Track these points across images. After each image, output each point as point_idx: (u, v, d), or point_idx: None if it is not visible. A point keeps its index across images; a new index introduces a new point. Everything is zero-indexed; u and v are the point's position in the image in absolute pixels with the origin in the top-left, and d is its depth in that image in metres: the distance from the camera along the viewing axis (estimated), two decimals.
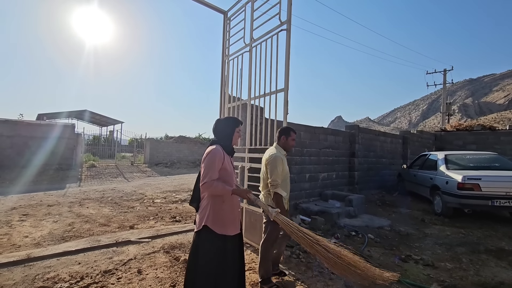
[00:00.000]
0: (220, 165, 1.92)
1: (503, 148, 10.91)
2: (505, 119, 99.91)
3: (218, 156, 1.92)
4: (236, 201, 2.05)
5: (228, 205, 1.98)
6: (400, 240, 4.25)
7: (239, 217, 2.09)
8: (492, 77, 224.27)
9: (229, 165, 2.01)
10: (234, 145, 2.14)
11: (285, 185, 2.72)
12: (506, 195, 4.88)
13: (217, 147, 1.99)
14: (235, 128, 2.11)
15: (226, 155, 2.01)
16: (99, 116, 22.45)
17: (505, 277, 2.97)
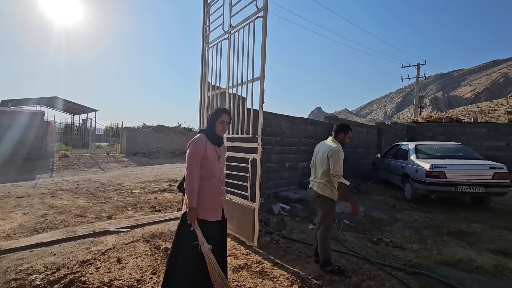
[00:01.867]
0: (201, 153, 1.98)
1: (467, 139, 11.72)
2: (471, 112, 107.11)
3: (199, 146, 1.99)
4: (217, 189, 2.09)
5: (208, 191, 2.03)
6: (372, 225, 4.51)
7: (220, 205, 2.12)
8: (461, 72, 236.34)
9: (211, 153, 2.04)
10: (219, 134, 2.14)
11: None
12: (467, 182, 5.30)
13: (201, 136, 2.05)
14: (217, 118, 2.12)
15: (209, 144, 2.05)
16: (71, 104, 21.31)
17: (463, 255, 3.27)
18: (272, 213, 4.71)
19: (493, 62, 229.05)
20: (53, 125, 15.24)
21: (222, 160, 2.20)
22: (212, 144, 2.08)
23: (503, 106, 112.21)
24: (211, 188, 2.05)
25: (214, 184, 2.07)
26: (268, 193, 5.86)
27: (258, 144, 3.34)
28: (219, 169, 2.12)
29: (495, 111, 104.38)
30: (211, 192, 2.05)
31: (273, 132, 6.08)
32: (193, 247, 1.94)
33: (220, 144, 2.19)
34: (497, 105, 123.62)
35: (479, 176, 5.30)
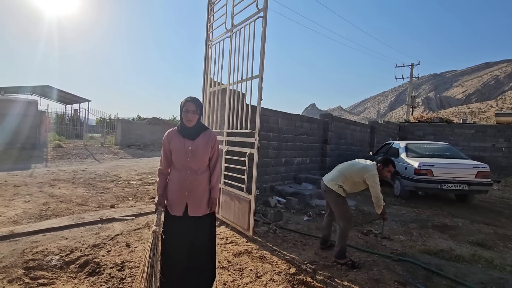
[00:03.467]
0: (167, 147, 2.01)
1: (456, 139, 12.16)
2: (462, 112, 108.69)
3: (164, 140, 2.03)
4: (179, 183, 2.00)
5: (171, 184, 2.03)
6: (363, 218, 4.80)
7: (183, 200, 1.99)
8: (454, 73, 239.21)
9: (176, 146, 1.99)
10: (187, 125, 2.01)
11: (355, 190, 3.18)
12: (452, 180, 5.63)
13: (169, 130, 2.07)
14: (182, 108, 2.01)
15: (177, 137, 2.01)
16: (64, 93, 20.99)
17: (445, 246, 3.58)
18: (268, 205, 4.95)
19: (485, 64, 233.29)
20: (47, 115, 15.13)
21: (194, 154, 2.00)
22: (181, 137, 2.01)
23: (492, 108, 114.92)
24: (174, 180, 2.01)
25: (177, 177, 2.00)
26: (265, 186, 6.10)
27: (255, 139, 3.47)
28: (184, 163, 1.99)
29: (485, 113, 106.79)
30: (173, 186, 2.01)
31: (270, 128, 6.29)
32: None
33: (193, 137, 2.02)
34: (487, 106, 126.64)
35: (463, 175, 5.65)
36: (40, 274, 2.35)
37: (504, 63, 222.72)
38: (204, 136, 2.06)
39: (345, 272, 2.74)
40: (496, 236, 4.10)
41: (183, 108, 1.99)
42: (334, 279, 2.57)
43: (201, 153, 2.02)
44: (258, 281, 2.46)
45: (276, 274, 2.59)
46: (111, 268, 2.53)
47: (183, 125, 2.02)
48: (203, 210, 2.05)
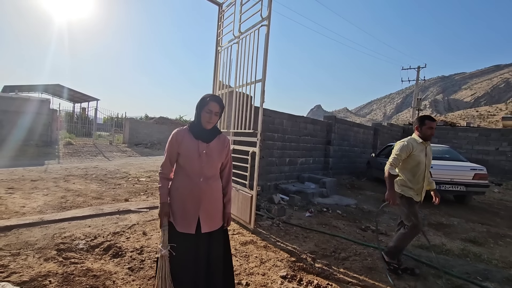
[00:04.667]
0: (175, 148, 1.74)
1: (460, 142, 12.27)
2: (470, 116, 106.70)
3: (172, 140, 1.75)
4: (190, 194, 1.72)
5: (179, 195, 1.74)
6: (362, 215, 5.04)
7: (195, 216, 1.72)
8: (462, 75, 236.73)
9: (187, 149, 1.73)
10: (205, 127, 1.78)
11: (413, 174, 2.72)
12: (450, 181, 5.84)
13: (179, 130, 1.80)
14: (203, 106, 1.76)
15: (189, 138, 1.75)
16: (73, 92, 21.58)
17: (437, 242, 3.82)
18: (272, 202, 5.23)
19: (495, 67, 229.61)
20: (58, 113, 15.67)
21: (209, 159, 1.76)
22: (194, 138, 1.76)
23: (502, 111, 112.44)
24: (182, 191, 1.72)
25: (187, 186, 1.72)
26: (269, 184, 6.38)
27: (257, 139, 3.74)
28: (197, 169, 1.73)
29: (494, 116, 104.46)
30: (181, 197, 1.72)
31: (275, 129, 6.57)
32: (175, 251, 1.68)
33: (208, 140, 1.79)
34: (496, 110, 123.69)
35: (461, 176, 5.85)
36: (70, 255, 2.67)
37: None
38: (219, 140, 1.84)
39: (341, 261, 3.01)
40: (488, 234, 4.31)
41: (205, 107, 1.75)
42: (331, 266, 2.84)
43: (216, 158, 1.80)
44: (263, 266, 2.74)
45: (279, 261, 2.87)
46: (131, 252, 2.84)
47: (199, 126, 1.78)
48: (216, 223, 1.80)
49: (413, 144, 2.73)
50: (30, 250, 2.69)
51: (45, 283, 2.17)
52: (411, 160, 2.72)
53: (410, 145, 2.72)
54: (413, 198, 2.74)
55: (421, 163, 2.72)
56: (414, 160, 2.71)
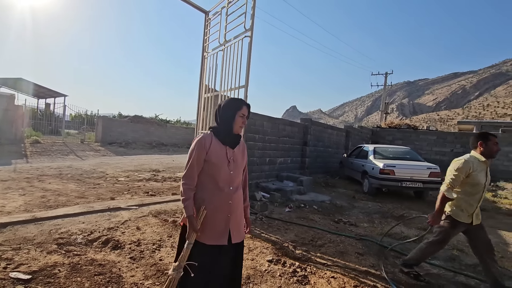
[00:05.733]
0: (202, 156, 1.62)
1: (420, 144, 13.50)
2: (432, 119, 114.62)
3: (198, 146, 1.63)
4: (220, 204, 1.64)
5: (207, 206, 1.61)
6: (335, 210, 5.60)
7: (226, 226, 1.65)
8: (426, 81, 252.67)
9: (217, 156, 1.64)
10: (236, 132, 1.73)
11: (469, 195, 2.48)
12: (410, 179, 6.62)
13: (205, 134, 1.69)
14: (237, 111, 1.69)
15: (217, 144, 1.67)
16: (38, 87, 20.34)
17: (397, 230, 4.43)
18: (255, 199, 5.61)
19: (453, 74, 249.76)
20: (23, 109, 14.84)
21: (236, 165, 1.70)
22: (222, 144, 1.68)
23: (459, 115, 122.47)
24: (211, 201, 1.62)
25: (216, 196, 1.63)
26: (251, 183, 6.75)
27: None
28: (227, 177, 1.65)
29: (452, 120, 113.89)
30: (211, 208, 1.61)
31: (256, 130, 6.96)
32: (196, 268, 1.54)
33: (235, 145, 1.72)
34: (454, 114, 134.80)
35: (419, 174, 6.65)
36: (71, 248, 2.84)
37: (471, 74, 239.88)
38: (240, 144, 1.78)
39: (318, 247, 3.47)
40: None
41: (239, 111, 1.69)
42: (310, 252, 3.28)
43: (240, 164, 1.74)
44: (251, 253, 3.11)
45: (264, 248, 3.26)
46: (129, 244, 3.07)
47: (227, 130, 1.70)
48: (243, 233, 1.75)
49: (473, 162, 2.44)
50: (30, 244, 2.82)
51: (55, 271, 2.36)
52: (469, 180, 2.43)
53: (470, 164, 2.42)
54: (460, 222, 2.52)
55: (479, 185, 2.45)
56: (474, 180, 2.43)
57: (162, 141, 21.55)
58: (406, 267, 2.84)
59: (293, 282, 2.56)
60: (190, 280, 1.53)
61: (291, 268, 2.80)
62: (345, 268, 2.94)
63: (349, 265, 3.00)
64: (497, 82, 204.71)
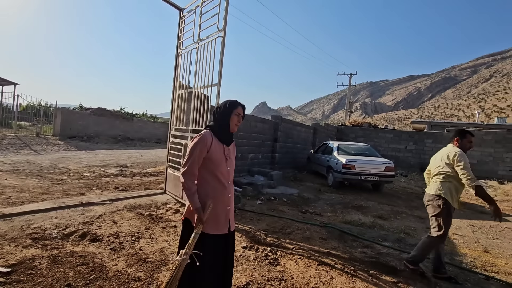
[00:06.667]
0: (203, 153, 1.73)
1: (379, 141, 14.68)
2: (391, 118, 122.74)
3: (201, 144, 1.72)
4: (222, 197, 1.80)
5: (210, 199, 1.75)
6: (303, 202, 6.05)
7: (226, 216, 1.82)
8: (386, 82, 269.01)
9: (217, 153, 1.77)
10: (232, 131, 1.86)
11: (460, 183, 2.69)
12: (369, 173, 7.33)
13: (205, 132, 1.78)
14: (232, 110, 1.83)
15: (216, 142, 1.78)
16: None
17: (356, 218, 4.98)
18: None
19: (410, 77, 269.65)
20: None
21: (231, 162, 1.86)
22: (219, 142, 1.80)
23: (414, 115, 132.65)
24: (214, 195, 1.76)
25: (218, 190, 1.78)
26: None
27: None
28: (226, 173, 1.81)
29: (408, 119, 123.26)
30: (214, 199, 1.75)
31: None
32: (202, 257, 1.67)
33: (229, 143, 1.87)
34: (410, 113, 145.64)
35: (376, 169, 7.39)
36: (47, 242, 2.86)
37: (425, 77, 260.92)
38: (233, 142, 1.95)
39: (287, 235, 3.83)
40: (392, 212, 5.72)
41: (235, 110, 1.83)
42: (280, 239, 3.62)
43: (233, 161, 1.91)
44: None
45: (239, 237, 3.53)
46: (108, 237, 3.15)
47: (224, 129, 1.83)
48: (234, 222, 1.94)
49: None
50: (2, 240, 2.79)
51: (35, 264, 2.41)
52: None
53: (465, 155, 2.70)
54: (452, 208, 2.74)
55: None
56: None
57: (128, 135, 20.73)
58: (411, 264, 2.88)
59: (266, 264, 2.87)
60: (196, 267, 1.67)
61: (263, 253, 3.11)
62: (311, 251, 3.32)
63: (314, 248, 3.40)
64: (447, 86, 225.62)
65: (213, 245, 1.76)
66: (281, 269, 2.80)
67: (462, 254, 3.68)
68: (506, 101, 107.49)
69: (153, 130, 23.25)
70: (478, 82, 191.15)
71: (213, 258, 1.75)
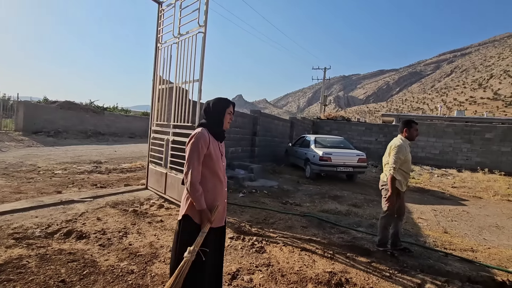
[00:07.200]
0: (204, 150, 1.78)
1: (352, 134, 15.40)
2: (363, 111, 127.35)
3: (201, 142, 1.77)
4: (221, 191, 1.90)
5: (211, 194, 1.83)
6: (283, 193, 6.31)
7: (224, 210, 1.95)
8: (358, 76, 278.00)
9: (215, 150, 1.85)
10: (225, 128, 1.94)
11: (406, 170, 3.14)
12: (344, 164, 7.78)
13: (203, 130, 1.82)
14: (226, 109, 1.91)
15: (212, 139, 1.84)
16: None
17: (333, 207, 5.33)
18: None
19: (380, 71, 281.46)
20: None
21: (224, 158, 1.96)
22: (215, 140, 1.87)
23: (384, 108, 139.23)
24: (214, 190, 1.84)
25: (217, 186, 1.87)
26: None
27: None
28: (223, 169, 1.92)
29: (378, 112, 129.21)
30: (214, 195, 1.83)
31: None
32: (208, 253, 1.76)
33: (223, 140, 1.96)
34: (380, 107, 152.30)
35: (350, 160, 7.86)
36: (32, 242, 2.82)
37: (393, 72, 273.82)
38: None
39: (270, 225, 4.04)
40: (365, 201, 6.16)
41: (228, 109, 1.92)
42: (263, 229, 3.83)
43: (225, 156, 1.99)
44: None
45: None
46: (94, 233, 3.15)
47: (219, 127, 1.91)
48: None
49: (405, 145, 3.15)
50: None
51: (23, 263, 2.39)
52: (406, 159, 3.13)
53: (404, 147, 3.11)
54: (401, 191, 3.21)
55: (409, 160, 3.20)
56: (407, 158, 3.14)
57: (99, 130, 19.85)
58: (380, 246, 3.30)
59: (253, 252, 3.06)
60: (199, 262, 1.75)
61: (249, 242, 3.29)
62: (293, 238, 3.57)
63: (296, 236, 3.64)
64: (413, 80, 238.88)
65: (214, 238, 1.84)
66: (267, 256, 3.00)
67: (425, 235, 4.13)
68: (465, 95, 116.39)
69: (126, 124, 22.41)
70: (441, 77, 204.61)
71: (213, 250, 1.84)
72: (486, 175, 11.27)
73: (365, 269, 2.88)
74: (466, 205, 6.45)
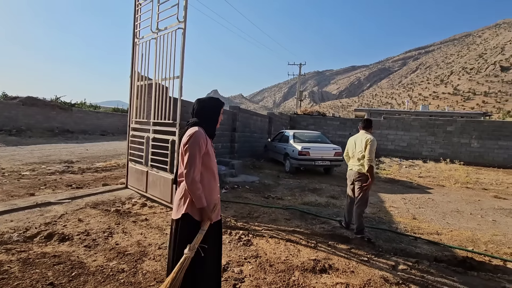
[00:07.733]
0: (203, 149, 1.82)
1: (328, 129, 15.93)
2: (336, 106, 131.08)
3: (200, 142, 1.80)
4: (216, 187, 1.96)
5: (208, 191, 1.87)
6: (264, 188, 6.47)
7: (219, 204, 2.02)
8: (331, 72, 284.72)
9: (211, 149, 1.91)
10: (217, 126, 2.04)
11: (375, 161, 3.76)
12: (321, 158, 8.10)
13: (199, 130, 1.84)
14: (220, 109, 2.01)
15: (208, 138, 1.90)
16: None
17: (313, 199, 5.58)
18: None
19: (351, 67, 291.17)
20: None
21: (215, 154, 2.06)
22: (209, 138, 1.93)
23: (356, 103, 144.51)
24: (210, 186, 1.90)
25: (212, 182, 1.93)
26: None
27: (177, 129, 4.26)
28: (216, 165, 2.01)
29: (351, 106, 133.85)
30: (210, 191, 1.90)
31: (189, 117, 7.12)
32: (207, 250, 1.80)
33: (213, 138, 2.03)
34: (352, 101, 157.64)
35: (327, 154, 8.19)
36: (10, 247, 2.70)
37: (364, 68, 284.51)
38: None
39: (255, 218, 4.17)
40: (342, 192, 6.49)
41: (221, 109, 2.02)
42: (249, 223, 3.94)
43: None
44: None
45: None
46: (78, 235, 3.08)
47: (214, 126, 1.99)
48: None
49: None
50: None
51: (5, 268, 2.30)
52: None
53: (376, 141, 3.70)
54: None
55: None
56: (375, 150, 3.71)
57: (67, 127, 18.79)
58: (358, 233, 3.61)
59: (240, 245, 3.17)
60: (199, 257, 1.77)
61: (236, 236, 3.40)
62: (278, 230, 3.72)
63: (280, 228, 3.80)
64: (382, 76, 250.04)
65: (213, 233, 1.88)
66: (254, 248, 3.12)
67: (397, 222, 4.48)
68: (429, 90, 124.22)
69: (97, 121, 21.39)
70: (407, 73, 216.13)
71: (212, 244, 1.88)
72: (448, 165, 12.26)
73: (346, 255, 3.10)
74: (431, 193, 7.02)
